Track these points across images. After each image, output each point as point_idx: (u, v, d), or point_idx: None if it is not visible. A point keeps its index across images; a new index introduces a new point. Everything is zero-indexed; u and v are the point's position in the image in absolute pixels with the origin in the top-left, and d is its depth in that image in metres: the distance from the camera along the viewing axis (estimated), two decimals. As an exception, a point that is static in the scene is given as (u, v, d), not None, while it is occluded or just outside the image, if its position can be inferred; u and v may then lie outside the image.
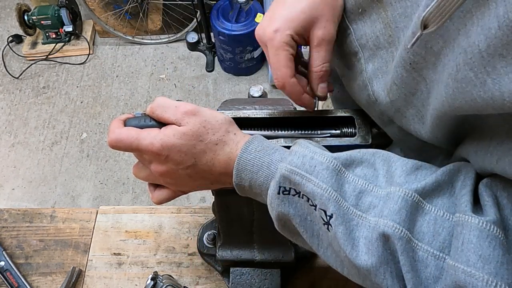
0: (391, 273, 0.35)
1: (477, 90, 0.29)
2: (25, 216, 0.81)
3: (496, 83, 0.28)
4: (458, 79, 0.31)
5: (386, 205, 0.36)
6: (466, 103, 0.31)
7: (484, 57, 0.28)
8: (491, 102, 0.29)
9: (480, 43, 0.28)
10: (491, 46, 0.27)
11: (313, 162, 0.39)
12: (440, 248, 0.34)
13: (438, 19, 0.31)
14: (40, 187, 1.99)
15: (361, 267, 0.36)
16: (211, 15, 2.09)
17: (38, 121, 2.21)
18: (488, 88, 0.28)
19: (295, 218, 0.41)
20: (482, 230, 0.31)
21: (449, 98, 0.33)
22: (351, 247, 0.37)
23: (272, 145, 0.44)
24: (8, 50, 2.44)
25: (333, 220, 0.37)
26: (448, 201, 0.36)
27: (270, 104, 0.54)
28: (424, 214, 0.36)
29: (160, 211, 0.81)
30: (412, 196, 0.35)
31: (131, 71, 2.37)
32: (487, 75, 0.28)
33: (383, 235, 0.35)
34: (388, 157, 0.41)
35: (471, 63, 0.29)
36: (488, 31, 0.27)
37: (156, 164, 0.45)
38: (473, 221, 0.32)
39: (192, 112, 0.44)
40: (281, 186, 0.40)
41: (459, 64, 0.31)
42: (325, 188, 0.38)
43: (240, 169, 0.43)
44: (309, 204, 0.39)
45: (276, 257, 0.63)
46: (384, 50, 0.44)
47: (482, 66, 0.28)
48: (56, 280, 0.75)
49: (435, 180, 0.37)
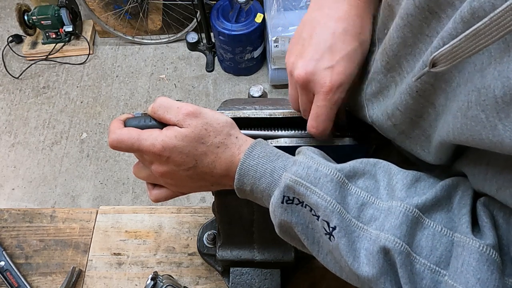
0: (390, 282, 0.36)
1: (486, 132, 0.29)
2: (25, 216, 0.81)
3: (508, 130, 0.27)
4: (468, 116, 0.30)
5: (388, 219, 0.37)
6: (473, 140, 0.31)
7: (499, 103, 0.27)
8: (499, 146, 0.28)
9: (496, 89, 0.27)
10: (508, 95, 0.26)
11: (318, 174, 0.39)
12: (437, 262, 0.35)
13: (449, 61, 0.30)
14: (40, 187, 1.99)
15: (362, 277, 0.37)
16: (211, 15, 2.09)
17: (38, 121, 2.21)
18: (498, 132, 0.28)
19: (297, 226, 0.41)
20: (482, 254, 0.33)
21: (456, 131, 0.33)
22: (353, 258, 0.37)
23: (275, 151, 0.44)
24: (8, 50, 2.44)
25: (336, 232, 0.38)
26: (446, 216, 0.37)
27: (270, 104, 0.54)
28: (423, 228, 0.36)
29: (160, 211, 0.81)
30: (413, 212, 0.36)
31: (131, 71, 2.37)
32: (499, 120, 0.28)
33: (384, 248, 0.36)
34: (389, 168, 0.41)
35: (483, 105, 0.28)
36: (507, 80, 0.26)
37: (157, 164, 0.45)
38: (474, 244, 0.33)
39: (194, 114, 0.44)
40: (285, 196, 0.41)
41: (471, 101, 0.30)
42: (329, 200, 0.38)
43: (242, 174, 0.43)
44: (312, 214, 0.40)
45: (276, 257, 0.63)
46: (382, 75, 0.44)
47: (495, 111, 0.28)
48: (56, 280, 0.75)
49: (435, 195, 0.38)
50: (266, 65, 2.30)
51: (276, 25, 1.91)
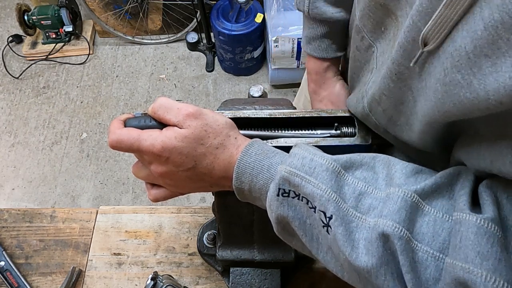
0: (392, 274, 0.35)
1: (464, 92, 0.30)
2: (25, 216, 0.81)
3: (482, 83, 0.28)
4: (446, 82, 0.32)
5: (386, 206, 0.36)
6: (454, 106, 0.32)
7: (471, 58, 0.29)
8: (476, 103, 0.29)
9: (467, 45, 0.29)
10: (478, 47, 0.28)
11: (313, 164, 0.39)
12: (440, 249, 0.34)
13: (437, 35, 0.32)
14: (40, 187, 1.99)
15: (361, 268, 0.36)
16: (211, 15, 2.09)
17: (38, 121, 2.21)
18: (474, 88, 0.29)
19: (294, 221, 0.41)
20: (480, 227, 0.31)
21: (438, 103, 0.34)
22: (351, 248, 0.36)
23: (273, 149, 0.44)
24: (8, 50, 2.44)
25: (333, 221, 0.37)
26: (447, 203, 0.36)
27: (270, 104, 0.54)
28: (423, 215, 0.36)
29: (160, 211, 0.81)
30: (412, 197, 0.35)
31: (131, 71, 2.37)
32: (473, 76, 0.29)
33: (382, 234, 0.35)
34: (388, 160, 0.41)
35: (458, 65, 0.30)
36: (474, 33, 0.28)
37: (156, 165, 0.45)
38: (471, 218, 0.32)
39: (194, 115, 0.44)
40: (280, 188, 0.40)
41: (447, 68, 0.31)
42: (324, 189, 0.38)
43: (240, 172, 0.43)
44: (309, 206, 0.39)
45: (276, 257, 0.63)
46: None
47: (469, 67, 0.29)
48: (56, 280, 0.75)
49: (434, 182, 0.37)
50: (266, 65, 2.30)
51: (276, 25, 1.91)
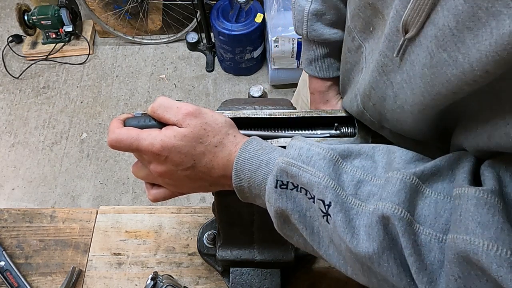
0: (395, 260, 0.34)
1: (450, 69, 0.31)
2: (25, 216, 0.81)
3: (466, 56, 0.29)
4: (433, 64, 0.33)
5: (385, 189, 0.35)
6: (443, 86, 0.32)
7: (455, 34, 0.29)
8: (463, 77, 0.30)
9: (450, 22, 0.30)
10: (460, 21, 0.29)
11: (310, 153, 0.39)
12: (443, 230, 0.33)
13: (416, 19, 0.33)
14: (40, 187, 1.99)
15: (363, 256, 0.35)
16: (211, 15, 2.09)
17: (38, 121, 2.21)
18: (459, 63, 0.30)
19: (294, 214, 0.40)
20: (480, 199, 0.30)
21: (427, 86, 0.34)
22: (351, 235, 0.36)
23: (271, 146, 0.44)
24: (8, 50, 2.44)
25: (332, 208, 0.36)
26: (448, 186, 0.36)
27: (270, 104, 0.54)
28: (424, 197, 0.35)
29: (160, 211, 0.81)
30: (411, 179, 0.35)
31: (131, 71, 2.37)
32: (458, 51, 0.30)
33: (382, 217, 0.34)
34: (388, 149, 0.40)
35: (444, 45, 0.31)
36: (455, 9, 0.29)
37: (156, 164, 0.45)
38: (470, 191, 0.31)
39: (194, 114, 0.43)
40: (278, 180, 0.40)
41: (432, 50, 0.32)
42: (322, 177, 0.37)
43: (239, 169, 0.43)
44: (308, 197, 0.39)
45: (276, 257, 0.63)
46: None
47: (454, 43, 0.30)
48: (56, 280, 0.75)
49: (434, 165, 0.36)
50: (266, 65, 2.30)
51: (276, 25, 1.91)
